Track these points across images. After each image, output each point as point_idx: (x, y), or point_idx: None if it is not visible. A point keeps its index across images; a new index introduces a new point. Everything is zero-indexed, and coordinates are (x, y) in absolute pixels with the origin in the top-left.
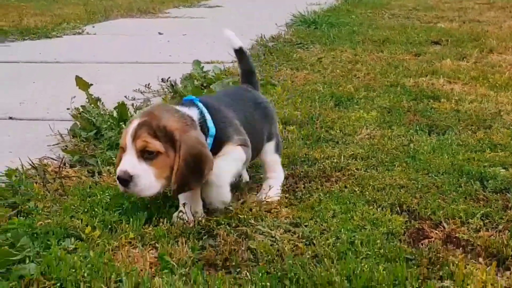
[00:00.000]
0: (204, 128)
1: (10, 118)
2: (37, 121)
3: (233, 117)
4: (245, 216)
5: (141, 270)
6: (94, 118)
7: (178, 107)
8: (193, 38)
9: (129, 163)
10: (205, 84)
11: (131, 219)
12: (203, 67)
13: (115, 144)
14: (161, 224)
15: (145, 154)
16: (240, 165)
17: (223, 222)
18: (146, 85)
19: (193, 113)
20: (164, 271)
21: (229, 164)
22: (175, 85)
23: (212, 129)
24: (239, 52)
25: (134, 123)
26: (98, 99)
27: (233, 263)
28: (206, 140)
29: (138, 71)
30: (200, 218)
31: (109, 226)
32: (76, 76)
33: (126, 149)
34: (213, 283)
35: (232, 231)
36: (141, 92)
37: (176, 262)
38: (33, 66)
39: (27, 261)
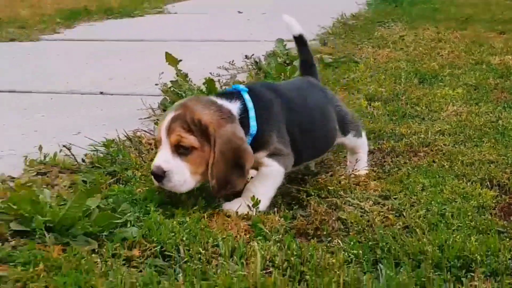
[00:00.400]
0: (245, 125)
1: (101, 93)
2: (127, 96)
3: (280, 119)
4: (335, 188)
5: (236, 236)
6: (184, 92)
7: (218, 99)
8: (273, 17)
9: (163, 158)
10: (287, 62)
11: None
12: (285, 44)
13: None
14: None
15: (180, 149)
16: (278, 182)
17: (313, 193)
18: (230, 62)
19: (233, 107)
20: (258, 238)
21: (265, 186)
22: (259, 62)
23: (254, 128)
24: (299, 40)
25: (169, 116)
26: (186, 75)
27: (324, 232)
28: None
29: (221, 49)
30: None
31: (203, 195)
32: (166, 52)
33: (161, 143)
34: (306, 249)
35: (322, 202)
36: (226, 69)
37: (269, 230)
38: (119, 44)
39: (129, 225)
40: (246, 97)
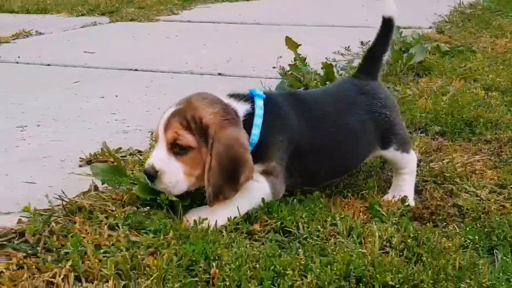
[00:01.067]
0: (246, 131)
1: (219, 74)
2: (244, 77)
3: (291, 137)
4: (451, 175)
5: (353, 217)
6: (302, 76)
7: (225, 98)
8: None
9: (158, 157)
10: (403, 49)
11: None
12: (401, 32)
13: None
14: (369, 178)
15: (176, 148)
16: (258, 201)
17: (429, 180)
18: (345, 47)
19: (240, 107)
20: (375, 219)
21: (242, 198)
22: None
23: (255, 137)
24: (385, 23)
25: (169, 111)
26: (305, 59)
27: (440, 217)
28: None
29: (336, 34)
30: None
31: None
32: (286, 36)
33: (158, 140)
34: (422, 232)
35: (438, 188)
36: (341, 54)
37: (385, 213)
38: (234, 27)
39: None
40: (259, 103)
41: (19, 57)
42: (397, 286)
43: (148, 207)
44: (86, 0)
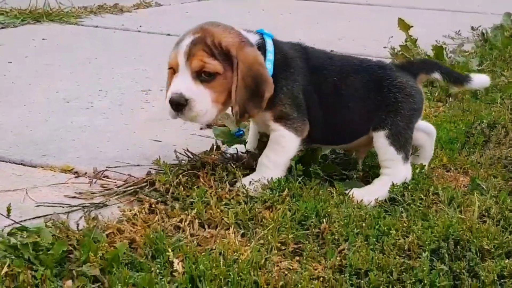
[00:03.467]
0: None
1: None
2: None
3: (298, 80)
4: None
5: (454, 188)
6: (412, 57)
7: (235, 28)
8: None
9: (184, 85)
10: None
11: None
12: None
13: None
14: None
15: (202, 76)
16: (290, 148)
17: None
18: (456, 31)
19: (251, 37)
20: (475, 191)
21: (277, 155)
22: (485, 33)
23: (270, 53)
24: (464, 78)
25: (187, 40)
26: (416, 40)
27: None
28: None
29: (446, 18)
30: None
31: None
32: (399, 18)
33: (178, 69)
34: None
35: None
36: (451, 38)
37: (485, 186)
38: (346, 7)
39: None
40: (269, 41)
41: (140, 26)
42: (492, 250)
43: None
44: None
